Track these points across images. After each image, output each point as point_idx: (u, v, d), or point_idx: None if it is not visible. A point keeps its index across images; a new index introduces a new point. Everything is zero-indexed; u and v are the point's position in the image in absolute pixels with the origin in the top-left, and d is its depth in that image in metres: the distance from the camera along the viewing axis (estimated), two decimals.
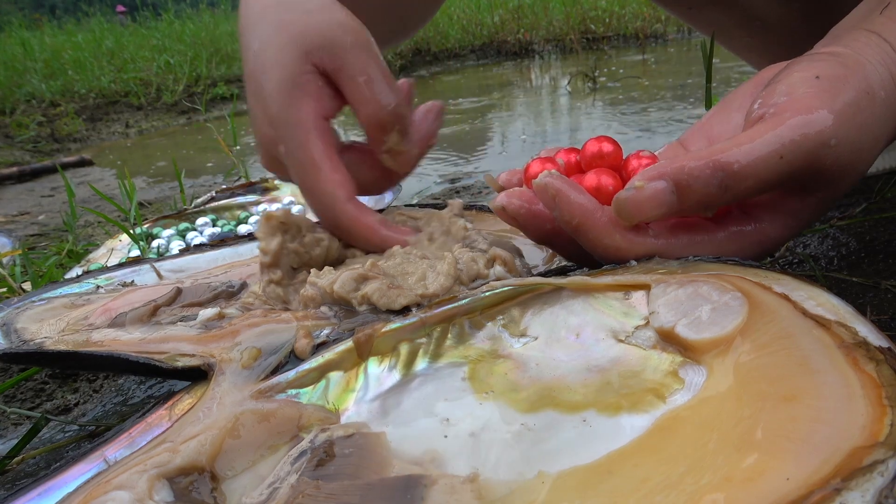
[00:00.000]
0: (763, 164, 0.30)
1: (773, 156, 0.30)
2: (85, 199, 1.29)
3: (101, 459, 0.30)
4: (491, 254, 0.41)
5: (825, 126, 0.30)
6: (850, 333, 0.28)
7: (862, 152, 0.32)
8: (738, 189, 0.30)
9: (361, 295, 0.38)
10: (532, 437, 0.30)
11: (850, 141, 0.31)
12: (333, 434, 0.30)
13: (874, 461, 0.22)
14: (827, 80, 0.31)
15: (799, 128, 0.30)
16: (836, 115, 0.30)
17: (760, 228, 0.33)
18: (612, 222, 0.32)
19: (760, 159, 0.30)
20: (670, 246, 0.33)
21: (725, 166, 0.29)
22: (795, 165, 0.30)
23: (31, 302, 0.46)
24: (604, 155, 0.35)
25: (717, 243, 0.33)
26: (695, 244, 0.33)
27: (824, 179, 0.32)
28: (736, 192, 0.30)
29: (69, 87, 2.55)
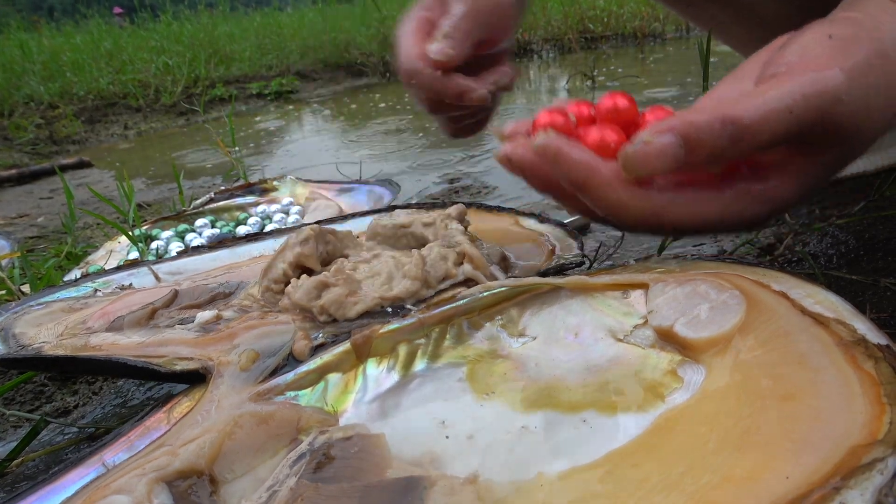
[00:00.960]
0: (774, 117, 0.29)
1: (783, 110, 0.29)
2: (84, 201, 1.29)
3: (100, 463, 0.30)
4: (460, 249, 0.41)
5: (837, 83, 0.30)
6: (849, 331, 0.28)
7: (872, 112, 0.31)
8: (748, 142, 0.30)
9: (320, 305, 0.38)
10: (531, 438, 0.30)
11: (860, 99, 0.31)
12: (332, 436, 0.30)
13: (873, 459, 0.22)
14: (839, 40, 0.31)
15: (810, 84, 0.30)
16: (847, 73, 0.30)
17: (769, 188, 0.32)
18: (616, 177, 0.31)
19: (771, 112, 0.29)
20: (675, 202, 0.32)
21: (735, 120, 0.29)
22: (806, 120, 0.30)
23: (28, 306, 0.46)
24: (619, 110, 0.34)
25: (723, 201, 0.32)
26: (701, 201, 0.32)
27: (835, 137, 0.31)
28: (745, 145, 0.30)
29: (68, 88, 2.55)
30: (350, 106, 2.36)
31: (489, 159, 1.20)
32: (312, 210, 0.85)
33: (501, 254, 0.46)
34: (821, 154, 0.32)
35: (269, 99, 2.75)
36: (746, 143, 0.30)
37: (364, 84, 2.95)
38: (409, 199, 0.97)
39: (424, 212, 0.49)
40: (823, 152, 0.32)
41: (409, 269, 0.39)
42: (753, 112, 0.29)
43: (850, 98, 0.30)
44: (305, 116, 2.30)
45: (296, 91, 2.85)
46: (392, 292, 0.39)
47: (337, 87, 2.97)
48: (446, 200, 0.92)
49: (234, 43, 3.30)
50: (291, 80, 2.89)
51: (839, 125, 0.31)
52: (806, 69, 0.31)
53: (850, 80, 0.30)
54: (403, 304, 0.38)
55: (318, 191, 0.90)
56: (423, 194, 1.01)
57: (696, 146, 0.29)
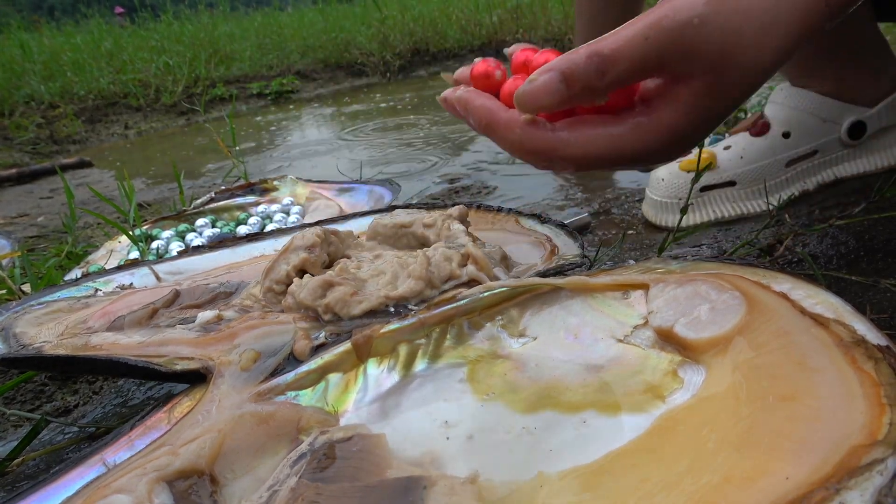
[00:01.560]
0: (630, 45, 0.32)
1: (638, 37, 0.32)
2: (84, 201, 1.29)
3: (101, 463, 0.30)
4: (465, 250, 0.41)
5: (686, 8, 0.32)
6: (849, 332, 0.28)
7: (743, 36, 0.33)
8: (614, 72, 0.33)
9: (325, 304, 0.38)
10: (531, 438, 0.30)
11: (721, 23, 0.32)
12: (333, 436, 0.30)
13: (873, 460, 0.22)
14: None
15: (661, 12, 0.32)
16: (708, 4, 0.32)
17: (658, 118, 0.34)
18: (514, 119, 0.35)
19: (628, 41, 0.32)
20: (569, 140, 0.35)
21: (599, 52, 0.32)
22: (662, 43, 0.32)
23: (29, 306, 0.46)
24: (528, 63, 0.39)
25: (617, 136, 0.34)
26: (596, 138, 0.35)
27: (701, 61, 0.33)
28: (612, 75, 0.33)
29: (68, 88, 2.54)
30: (351, 106, 2.36)
31: (489, 159, 1.20)
32: (313, 210, 0.85)
33: (503, 254, 0.46)
34: (697, 80, 0.34)
35: (269, 99, 2.75)
36: (612, 73, 0.33)
37: (364, 84, 2.95)
38: (409, 200, 0.97)
39: (425, 212, 0.49)
40: (699, 78, 0.33)
41: (413, 269, 0.40)
42: (612, 43, 0.32)
43: (702, 21, 0.32)
44: (306, 116, 2.30)
45: (296, 91, 2.85)
46: (397, 292, 0.39)
47: (337, 86, 2.97)
48: (447, 201, 0.92)
49: (234, 43, 3.30)
50: (292, 79, 2.89)
51: (698, 48, 0.32)
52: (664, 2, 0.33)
53: (705, 4, 0.32)
54: (407, 304, 0.39)
55: (318, 191, 0.90)
56: (423, 194, 1.01)
57: (571, 80, 0.33)
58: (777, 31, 0.33)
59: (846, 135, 0.68)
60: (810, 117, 0.68)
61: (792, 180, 0.69)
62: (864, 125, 0.68)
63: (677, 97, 0.34)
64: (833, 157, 0.70)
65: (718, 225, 0.68)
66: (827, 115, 0.68)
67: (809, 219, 0.65)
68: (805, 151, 0.69)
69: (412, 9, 3.44)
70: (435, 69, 3.08)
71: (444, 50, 3.19)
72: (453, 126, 1.61)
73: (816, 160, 0.70)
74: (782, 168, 0.69)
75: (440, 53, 3.19)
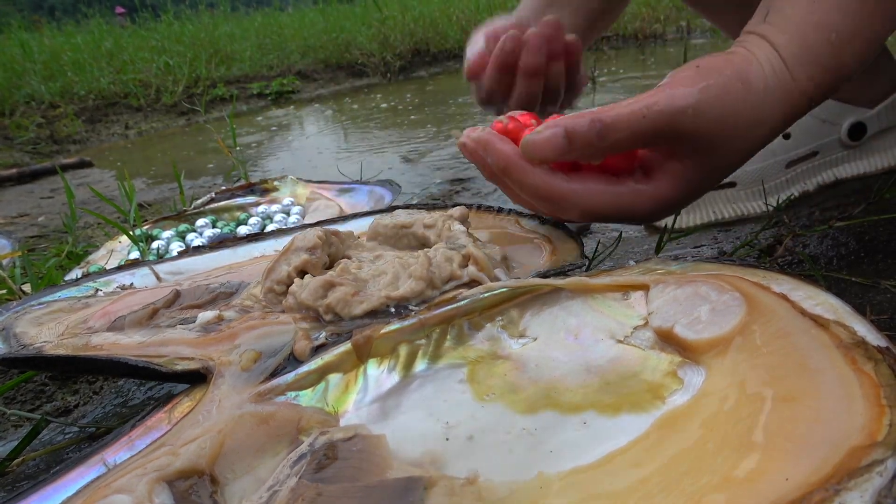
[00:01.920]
0: (629, 119, 0.37)
1: (637, 114, 0.37)
2: (84, 201, 1.29)
3: (101, 463, 0.30)
4: (466, 251, 0.41)
5: (685, 98, 0.37)
6: (849, 333, 0.28)
7: (730, 128, 0.38)
8: (611, 138, 0.37)
9: (326, 304, 0.38)
10: (532, 439, 0.30)
11: (711, 115, 0.38)
12: (333, 436, 0.30)
13: (873, 461, 0.22)
14: (703, 68, 0.39)
15: (663, 96, 0.38)
16: (699, 92, 0.37)
17: (654, 187, 0.40)
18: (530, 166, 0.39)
19: (627, 115, 0.37)
20: (580, 192, 0.40)
21: (601, 119, 0.37)
22: (657, 124, 0.37)
23: (29, 306, 0.46)
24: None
25: (618, 195, 0.40)
26: (599, 193, 0.40)
27: (692, 144, 0.39)
28: (610, 141, 0.38)
29: (68, 88, 2.55)
30: (351, 106, 2.36)
31: None
32: (313, 210, 0.85)
33: (503, 255, 0.46)
34: (690, 159, 0.39)
35: (269, 99, 2.76)
36: (610, 139, 0.37)
37: (365, 84, 2.95)
38: (409, 200, 0.97)
39: (425, 212, 0.49)
40: (692, 157, 0.39)
41: (415, 270, 0.40)
42: (614, 114, 0.37)
43: (698, 112, 0.37)
44: (306, 116, 2.30)
45: (297, 91, 2.86)
46: (398, 292, 0.39)
47: (338, 87, 2.97)
48: (447, 201, 0.92)
49: (234, 43, 3.31)
50: (292, 79, 2.89)
51: (690, 133, 0.38)
52: (666, 87, 0.38)
53: (699, 98, 0.37)
54: (408, 305, 0.39)
55: (318, 191, 0.91)
56: (424, 194, 1.01)
57: (573, 137, 0.37)
58: (763, 125, 0.40)
59: (846, 136, 0.68)
60: (810, 118, 0.68)
61: (792, 181, 0.69)
62: (865, 126, 0.68)
63: (671, 171, 0.40)
64: (833, 157, 0.70)
65: (718, 226, 0.68)
66: (827, 116, 0.68)
67: (809, 220, 0.65)
68: (805, 152, 0.69)
69: (413, 9, 3.44)
70: (435, 69, 3.08)
71: (445, 50, 3.19)
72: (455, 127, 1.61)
73: (816, 161, 0.70)
74: (782, 169, 0.69)
75: (441, 54, 3.19)
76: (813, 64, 0.40)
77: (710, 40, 2.89)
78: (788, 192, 0.69)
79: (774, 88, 0.39)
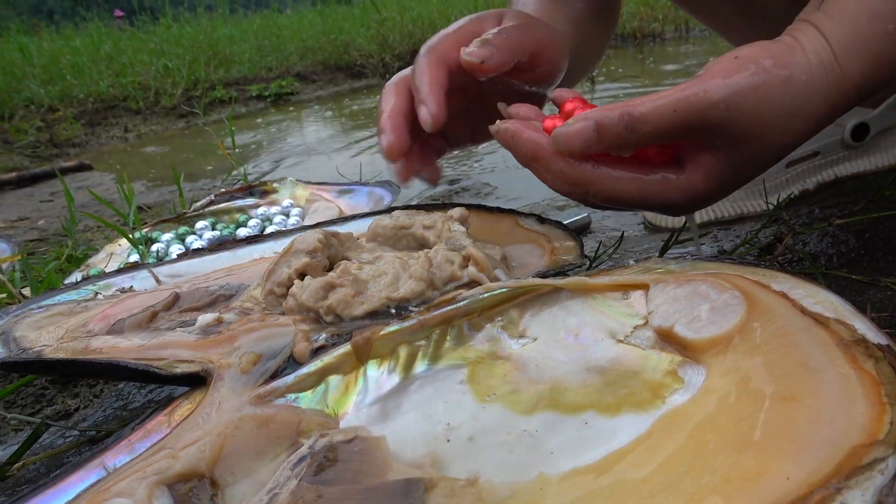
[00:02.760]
0: (660, 112, 0.36)
1: (668, 107, 0.36)
2: (84, 204, 1.29)
3: (101, 466, 0.30)
4: (466, 252, 0.41)
5: (717, 91, 0.36)
6: (849, 331, 0.28)
7: (767, 122, 0.37)
8: (641, 132, 0.37)
9: (327, 305, 0.38)
10: (532, 439, 0.30)
11: (745, 109, 0.37)
12: (333, 438, 0.30)
13: (874, 459, 0.22)
14: (740, 60, 0.38)
15: (693, 89, 0.37)
16: (731, 85, 0.37)
17: (685, 178, 0.39)
18: (557, 153, 0.39)
19: (658, 108, 0.37)
20: (607, 177, 0.39)
21: (631, 111, 0.37)
22: (688, 117, 0.36)
23: (29, 310, 0.46)
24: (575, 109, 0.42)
25: (646, 182, 0.39)
26: (630, 181, 0.39)
27: (724, 138, 0.38)
28: (639, 134, 0.37)
29: (68, 91, 2.55)
30: (350, 107, 2.36)
31: (488, 159, 1.20)
32: (312, 212, 0.85)
33: (503, 255, 0.46)
34: (722, 152, 0.38)
35: (268, 101, 2.75)
36: (640, 132, 0.37)
37: (364, 85, 2.95)
38: (409, 201, 0.97)
39: (425, 213, 0.49)
40: (724, 151, 0.38)
41: (415, 270, 0.40)
42: (643, 108, 0.37)
43: (730, 106, 0.36)
44: (305, 118, 2.30)
45: (296, 93, 2.86)
46: (399, 293, 0.39)
47: (337, 88, 2.97)
48: (446, 201, 0.92)
49: (233, 45, 3.30)
50: (291, 81, 2.89)
51: (722, 127, 0.37)
52: (699, 80, 0.37)
53: (731, 91, 0.36)
54: (408, 305, 0.39)
55: (318, 192, 0.90)
56: (423, 195, 1.01)
57: (603, 130, 0.37)
58: (804, 118, 0.38)
59: (850, 136, 0.68)
60: None
61: (792, 180, 0.69)
62: (868, 127, 0.68)
63: (703, 164, 0.39)
64: (834, 157, 0.70)
65: (718, 224, 0.68)
66: None
67: (809, 218, 0.65)
68: (806, 152, 0.69)
69: (411, 10, 3.44)
70: None
71: None
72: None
73: (817, 161, 0.69)
74: (782, 168, 0.69)
75: None
76: (866, 54, 0.38)
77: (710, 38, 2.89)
78: (788, 191, 0.69)
79: (820, 80, 0.38)
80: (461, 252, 0.41)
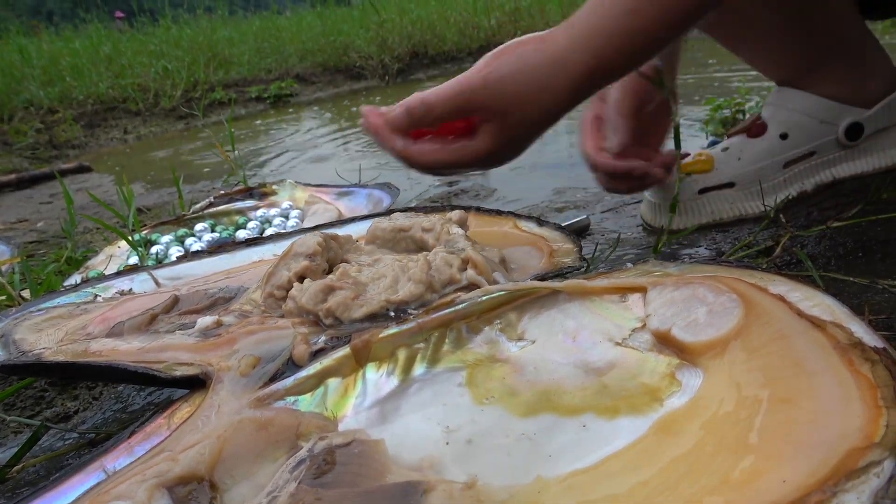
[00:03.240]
0: (444, 99, 0.49)
1: (449, 94, 0.49)
2: (83, 206, 1.29)
3: (101, 469, 0.30)
4: (465, 255, 0.41)
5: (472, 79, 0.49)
6: (846, 334, 0.28)
7: (522, 97, 0.49)
8: (434, 113, 0.50)
9: (326, 308, 0.38)
10: (530, 442, 0.30)
11: (497, 89, 0.49)
12: (332, 441, 0.30)
13: (870, 462, 0.22)
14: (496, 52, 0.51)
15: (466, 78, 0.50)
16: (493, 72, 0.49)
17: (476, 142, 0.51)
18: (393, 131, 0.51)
19: (442, 95, 0.49)
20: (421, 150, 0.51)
21: (425, 99, 0.50)
22: (462, 100, 0.49)
23: (29, 312, 0.46)
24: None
25: (450, 149, 0.51)
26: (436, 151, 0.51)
27: (491, 111, 0.50)
28: (434, 114, 0.50)
29: (67, 93, 2.55)
30: (350, 109, 2.36)
31: None
32: (312, 214, 0.85)
33: (501, 257, 0.46)
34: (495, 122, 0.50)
35: (268, 102, 2.76)
36: (433, 113, 0.49)
37: (363, 87, 2.95)
38: (408, 202, 0.97)
39: (423, 216, 0.49)
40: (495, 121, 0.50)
41: (414, 273, 0.40)
42: (433, 96, 0.49)
43: (486, 87, 0.49)
44: (305, 119, 2.31)
45: (295, 94, 2.86)
46: (398, 295, 0.39)
47: (336, 89, 2.97)
48: (445, 203, 0.92)
49: (233, 47, 3.31)
50: (290, 83, 2.89)
51: (485, 104, 0.49)
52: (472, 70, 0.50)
53: (486, 75, 0.49)
54: (407, 308, 0.39)
55: (317, 194, 0.91)
56: (422, 197, 1.01)
57: (410, 113, 0.50)
58: (552, 91, 0.49)
59: (844, 136, 0.68)
60: (808, 118, 0.68)
61: (790, 181, 0.69)
62: (862, 126, 0.68)
63: (486, 131, 0.51)
64: (830, 158, 0.70)
65: (717, 226, 0.68)
66: (824, 117, 0.68)
67: (807, 220, 0.65)
68: (803, 152, 0.69)
69: (410, 12, 3.44)
70: (434, 72, 3.08)
71: (443, 53, 3.19)
72: None
73: (814, 161, 0.70)
74: (780, 169, 0.69)
75: (438, 56, 3.19)
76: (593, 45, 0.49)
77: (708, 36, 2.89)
78: (786, 192, 0.69)
79: (560, 67, 0.49)
80: (460, 255, 0.42)
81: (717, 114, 1.14)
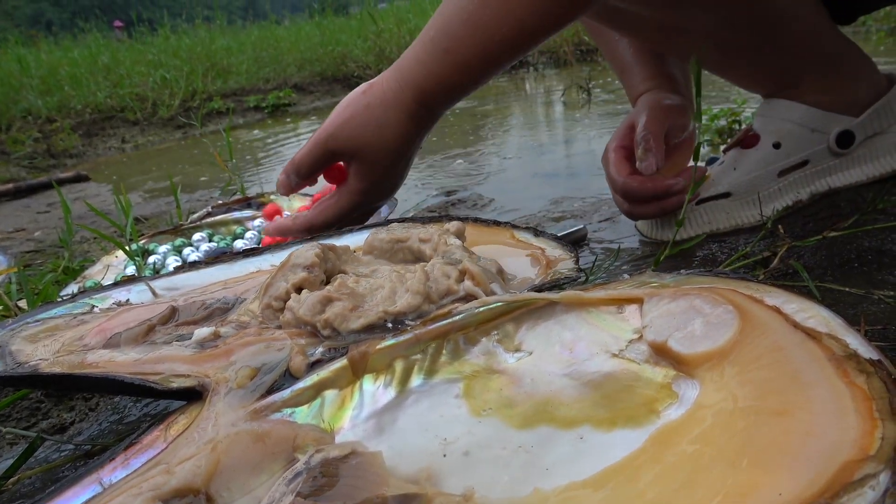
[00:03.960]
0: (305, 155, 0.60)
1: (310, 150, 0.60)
2: (81, 216, 1.29)
3: (97, 482, 0.30)
4: (462, 266, 0.41)
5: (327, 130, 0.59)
6: (841, 346, 0.29)
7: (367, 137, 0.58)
8: (304, 169, 0.61)
9: (324, 319, 0.38)
10: (528, 454, 0.30)
11: (344, 135, 0.58)
12: (329, 454, 0.30)
13: (865, 475, 0.22)
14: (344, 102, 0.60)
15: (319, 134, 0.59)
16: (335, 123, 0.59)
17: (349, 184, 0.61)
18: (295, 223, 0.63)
19: (304, 153, 0.60)
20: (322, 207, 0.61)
21: (294, 161, 0.61)
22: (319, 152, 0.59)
23: (25, 323, 0.46)
24: None
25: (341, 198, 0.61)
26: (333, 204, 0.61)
27: (346, 155, 0.59)
28: (304, 171, 0.61)
29: (65, 102, 2.55)
30: None
31: (486, 171, 1.21)
32: None
33: (498, 268, 0.46)
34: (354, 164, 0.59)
35: (266, 112, 2.76)
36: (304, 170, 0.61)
37: None
38: (406, 212, 0.97)
39: (421, 226, 0.49)
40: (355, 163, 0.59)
41: (412, 284, 0.40)
42: (298, 156, 0.61)
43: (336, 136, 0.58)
44: (303, 129, 2.31)
45: (293, 104, 2.87)
46: (396, 307, 0.39)
47: (334, 99, 2.98)
48: (443, 214, 0.92)
49: (231, 56, 3.32)
50: (288, 92, 2.90)
51: (339, 150, 0.59)
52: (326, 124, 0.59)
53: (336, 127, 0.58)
54: (405, 319, 0.39)
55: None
56: (420, 206, 1.02)
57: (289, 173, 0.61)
58: (391, 127, 0.58)
59: (835, 144, 0.69)
60: (799, 128, 0.69)
61: (785, 190, 0.70)
62: (853, 134, 0.69)
63: (353, 172, 0.60)
64: (824, 167, 0.70)
65: (714, 237, 0.69)
66: (815, 125, 0.69)
67: (804, 230, 0.65)
68: (796, 161, 0.69)
69: (408, 22, 3.46)
70: None
71: None
72: (449, 139, 1.62)
73: (808, 170, 0.70)
74: (774, 178, 0.69)
75: None
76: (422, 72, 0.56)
77: None
78: (782, 202, 0.70)
79: (393, 99, 0.57)
80: (457, 266, 0.42)
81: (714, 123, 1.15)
